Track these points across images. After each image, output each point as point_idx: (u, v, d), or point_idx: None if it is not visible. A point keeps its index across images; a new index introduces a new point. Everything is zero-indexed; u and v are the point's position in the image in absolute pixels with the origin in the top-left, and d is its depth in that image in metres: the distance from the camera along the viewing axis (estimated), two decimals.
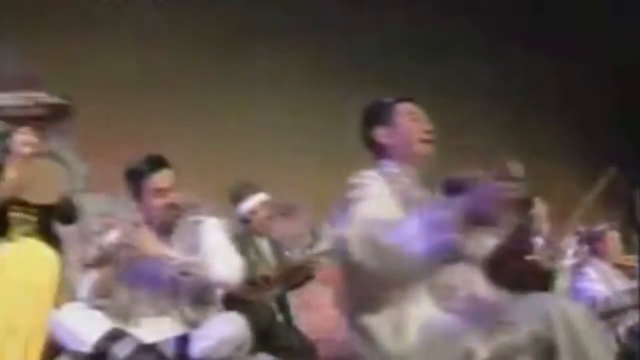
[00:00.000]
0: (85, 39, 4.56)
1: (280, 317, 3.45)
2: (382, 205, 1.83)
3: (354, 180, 1.94)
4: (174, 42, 4.82)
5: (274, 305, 3.46)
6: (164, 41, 4.79)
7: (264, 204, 3.62)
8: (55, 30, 4.66)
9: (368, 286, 1.81)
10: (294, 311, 3.63)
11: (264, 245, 3.63)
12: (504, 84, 5.90)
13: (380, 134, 2.10)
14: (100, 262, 2.60)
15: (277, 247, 3.69)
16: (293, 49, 5.24)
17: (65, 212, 3.24)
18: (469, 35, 5.61)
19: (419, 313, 1.81)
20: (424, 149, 2.07)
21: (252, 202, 3.60)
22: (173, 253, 2.59)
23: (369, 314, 1.85)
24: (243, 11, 5.04)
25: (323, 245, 3.84)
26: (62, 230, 3.25)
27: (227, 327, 2.51)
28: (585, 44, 5.61)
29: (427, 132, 2.08)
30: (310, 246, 3.90)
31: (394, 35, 5.45)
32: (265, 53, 5.14)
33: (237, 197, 3.63)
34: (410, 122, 2.09)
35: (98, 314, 2.55)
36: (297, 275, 3.59)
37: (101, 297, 2.59)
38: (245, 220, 3.59)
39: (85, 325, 2.48)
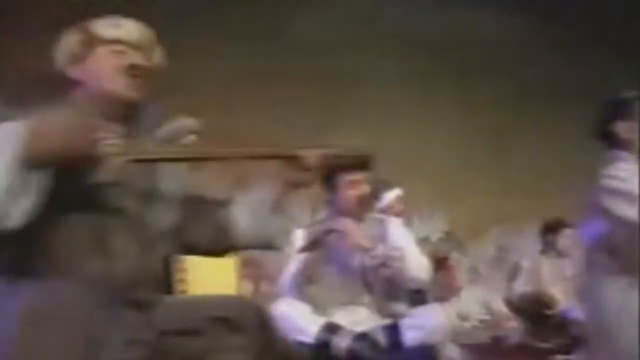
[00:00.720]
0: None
1: None
2: None
3: (615, 172, 2.08)
4: None
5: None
6: None
7: (399, 198, 3.81)
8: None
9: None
10: None
11: None
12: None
13: (622, 128, 2.17)
14: (307, 249, 2.74)
15: None
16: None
17: None
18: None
19: None
20: None
21: (389, 198, 3.77)
22: (378, 246, 2.77)
23: (623, 294, 2.05)
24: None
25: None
26: None
27: (436, 317, 2.69)
28: None
29: None
30: None
31: None
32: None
33: (372, 192, 3.80)
34: None
35: (307, 307, 2.72)
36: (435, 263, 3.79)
37: (306, 284, 2.74)
38: None
39: (304, 318, 2.66)
